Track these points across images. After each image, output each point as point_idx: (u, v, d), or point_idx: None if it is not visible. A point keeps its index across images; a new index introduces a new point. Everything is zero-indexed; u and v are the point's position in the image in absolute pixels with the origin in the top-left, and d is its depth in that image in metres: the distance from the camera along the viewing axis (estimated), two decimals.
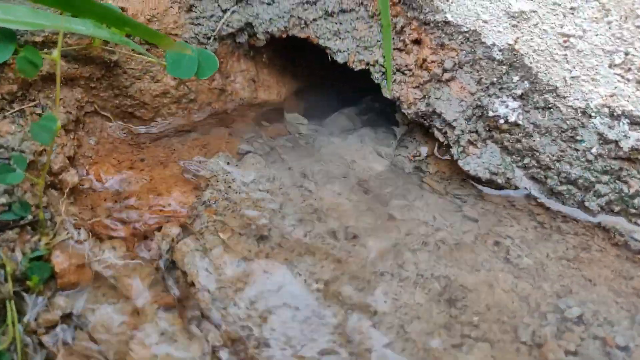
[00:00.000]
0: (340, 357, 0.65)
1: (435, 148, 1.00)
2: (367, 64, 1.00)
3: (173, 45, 0.73)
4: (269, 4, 1.00)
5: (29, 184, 0.72)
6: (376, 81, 1.00)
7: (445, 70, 0.93)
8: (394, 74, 0.98)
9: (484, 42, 0.89)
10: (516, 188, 0.91)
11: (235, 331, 0.68)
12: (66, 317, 0.67)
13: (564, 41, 0.83)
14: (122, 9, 0.84)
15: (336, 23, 1.01)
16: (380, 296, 0.73)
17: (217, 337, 0.67)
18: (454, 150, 0.92)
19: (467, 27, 0.90)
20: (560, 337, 0.70)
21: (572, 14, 0.82)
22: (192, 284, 0.73)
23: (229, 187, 0.87)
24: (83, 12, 0.59)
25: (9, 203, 0.67)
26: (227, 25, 0.98)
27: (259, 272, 0.74)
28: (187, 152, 0.93)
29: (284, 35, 1.03)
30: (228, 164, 0.91)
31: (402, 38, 0.98)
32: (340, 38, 1.02)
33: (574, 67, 0.83)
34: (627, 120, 0.81)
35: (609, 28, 0.79)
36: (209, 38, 0.96)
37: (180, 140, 0.95)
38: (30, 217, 0.69)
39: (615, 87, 0.80)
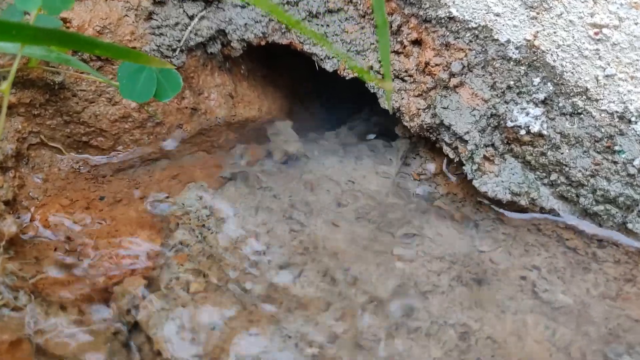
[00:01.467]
0: None
1: (444, 165, 0.86)
2: (361, 70, 0.87)
3: (153, 61, 0.60)
4: (243, 6, 0.86)
5: None
6: (372, 90, 0.87)
7: (452, 75, 0.79)
8: (392, 81, 0.85)
9: (496, 40, 0.76)
10: (542, 210, 0.77)
11: None
12: None
13: (595, 33, 0.69)
14: (65, 20, 0.70)
15: (322, 25, 0.88)
16: (390, 357, 0.60)
17: None
18: (467, 168, 0.78)
19: (476, 23, 0.76)
20: None
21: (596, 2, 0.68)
22: (159, 354, 0.59)
23: (203, 225, 0.74)
24: (46, 42, 0.46)
25: None
26: (196, 34, 0.84)
27: (241, 336, 0.60)
28: (156, 185, 0.80)
29: (263, 42, 0.89)
30: (201, 198, 0.77)
31: (399, 39, 0.84)
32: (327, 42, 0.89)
33: (608, 64, 0.69)
34: None
35: None
36: (174, 50, 0.82)
37: (147, 170, 0.82)
38: None
39: None
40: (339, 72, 0.88)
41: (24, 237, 0.68)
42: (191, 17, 0.83)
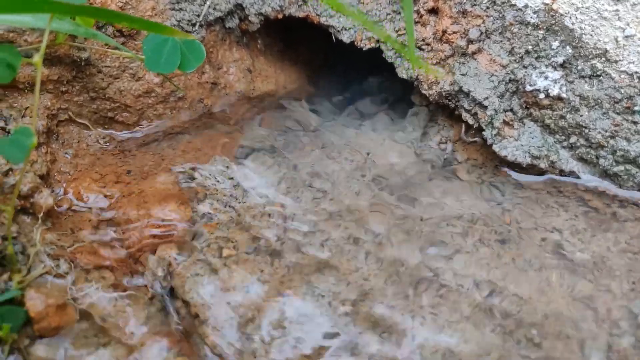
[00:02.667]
0: None
1: (463, 132, 0.87)
2: (378, 41, 0.87)
3: (176, 33, 0.61)
4: None
5: None
6: (389, 60, 0.88)
7: (470, 42, 0.80)
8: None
9: (514, 5, 0.76)
10: (562, 172, 0.78)
11: None
12: None
13: None
14: None
15: None
16: (419, 311, 0.62)
17: None
18: (487, 134, 0.79)
19: None
20: None
21: None
22: (197, 315, 0.62)
23: (230, 195, 0.76)
24: (76, 14, 0.48)
25: None
26: (214, 9, 0.85)
27: (274, 297, 0.62)
28: (180, 158, 0.81)
29: (280, 16, 0.90)
30: (227, 168, 0.79)
31: (416, 8, 0.85)
32: (343, 14, 0.89)
33: (628, 25, 0.70)
34: None
35: None
36: (194, 25, 0.83)
37: (171, 144, 0.83)
38: None
39: None
40: (355, 43, 0.89)
41: (59, 210, 0.70)
42: None
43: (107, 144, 0.80)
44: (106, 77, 0.77)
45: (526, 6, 0.76)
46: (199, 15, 0.83)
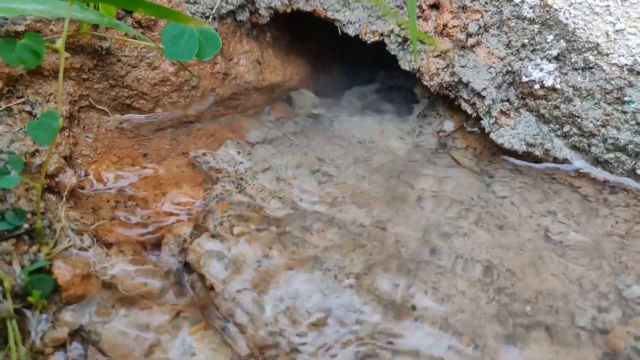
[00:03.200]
0: None
1: (463, 121, 0.91)
2: (382, 34, 0.92)
3: (190, 20, 0.66)
4: None
5: (23, 189, 0.65)
6: (392, 53, 0.92)
7: (469, 35, 0.84)
8: (412, 43, 0.89)
9: (511, 0, 0.80)
10: (555, 159, 0.82)
11: (263, 338, 0.61)
12: (75, 334, 0.60)
13: None
14: None
15: None
16: (419, 288, 0.66)
17: (243, 347, 0.61)
18: (484, 122, 0.84)
19: None
20: (627, 322, 0.62)
21: None
22: (212, 288, 0.66)
23: (242, 178, 0.80)
24: None
25: (2, 211, 0.60)
26: (227, 2, 0.89)
27: (284, 271, 0.66)
28: (193, 143, 0.86)
29: (289, 10, 0.94)
30: (239, 153, 0.83)
31: (418, 3, 0.89)
32: (349, 9, 0.93)
33: (618, 19, 0.74)
34: None
35: None
36: (207, 17, 0.87)
37: (185, 130, 0.88)
38: (26, 225, 0.62)
39: None
40: (360, 36, 0.93)
41: (81, 190, 0.74)
42: None
43: (125, 129, 0.84)
44: (125, 66, 0.81)
45: (522, 1, 0.80)
46: (212, 9, 0.87)
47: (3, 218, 0.60)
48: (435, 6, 0.89)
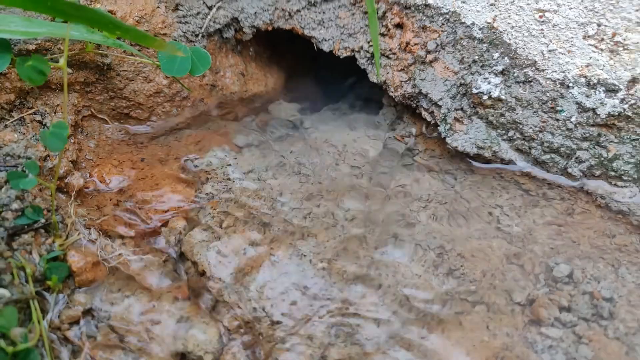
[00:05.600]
0: (350, 329, 0.69)
1: (424, 127, 1.04)
2: (352, 50, 1.03)
3: (165, 46, 0.76)
4: (252, 1, 1.02)
5: (37, 189, 0.75)
6: (362, 67, 1.04)
7: (428, 52, 0.96)
8: (379, 58, 1.01)
9: (463, 22, 0.93)
10: (502, 160, 0.95)
11: (248, 313, 0.71)
12: (87, 312, 0.70)
13: (540, 16, 0.87)
14: (111, 12, 0.85)
15: (319, 12, 1.04)
16: (382, 270, 0.77)
17: (231, 321, 0.71)
18: (441, 129, 0.96)
19: (446, 9, 0.93)
20: (555, 295, 0.75)
21: None
22: (203, 273, 0.76)
23: (228, 179, 0.90)
24: (75, 18, 0.61)
25: (22, 208, 0.70)
26: (214, 22, 1.00)
27: (266, 256, 0.77)
28: (185, 148, 0.96)
29: (270, 28, 1.05)
30: (226, 156, 0.94)
31: (384, 23, 1.01)
32: (324, 27, 1.05)
33: (551, 41, 0.87)
34: (602, 88, 0.85)
35: (582, 1, 0.83)
36: (197, 35, 0.98)
37: (176, 137, 0.98)
38: (42, 220, 0.71)
39: (590, 58, 0.85)
40: (334, 52, 1.05)
41: (86, 190, 0.84)
42: (210, 8, 0.99)
43: (123, 136, 0.94)
44: (123, 80, 0.91)
45: (473, 24, 0.92)
46: (201, 27, 0.98)
47: (23, 214, 0.70)
48: (399, 26, 1.01)
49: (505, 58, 0.91)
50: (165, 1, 0.92)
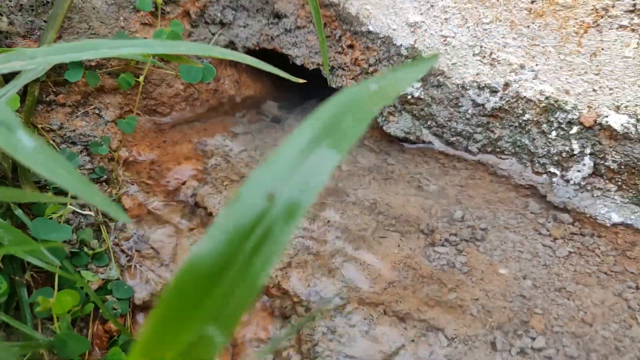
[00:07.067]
0: (308, 254, 1.05)
1: None
2: (318, 64, 1.41)
3: (188, 61, 1.13)
4: (244, 27, 1.40)
5: (99, 157, 1.11)
6: (324, 76, 1.41)
7: (370, 65, 1.34)
8: (337, 69, 1.39)
9: (394, 44, 1.30)
10: (424, 142, 1.32)
11: None
12: (134, 236, 1.06)
13: (444, 41, 1.24)
14: (145, 38, 1.23)
15: (294, 36, 1.42)
16: (332, 212, 1.14)
17: None
18: (379, 120, 1.33)
19: (383, 34, 1.31)
20: (449, 227, 1.11)
21: (446, 22, 1.23)
22: (210, 214, 1.13)
23: (227, 155, 1.27)
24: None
25: (92, 168, 1.06)
26: (216, 44, 1.37)
27: None
28: (196, 134, 1.33)
29: (257, 48, 1.43)
30: (225, 140, 1.31)
31: (340, 44, 1.39)
32: (297, 47, 1.42)
33: (452, 57, 1.24)
34: (487, 90, 1.23)
35: (469, 31, 1.21)
36: None
37: (189, 126, 1.35)
38: (105, 176, 1.07)
39: (478, 69, 1.22)
40: (304, 65, 1.42)
41: (129, 161, 1.21)
42: (213, 34, 1.36)
43: (151, 125, 1.31)
44: (152, 85, 1.28)
45: (401, 45, 1.30)
46: None
47: (94, 172, 1.06)
48: (351, 46, 1.38)
49: None
50: (183, 31, 1.29)
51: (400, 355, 0.83)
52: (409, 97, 1.29)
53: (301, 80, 0.96)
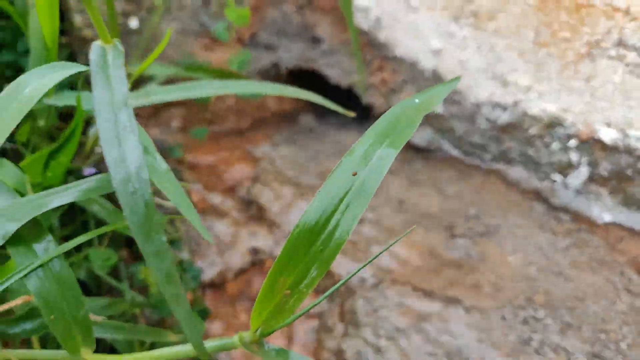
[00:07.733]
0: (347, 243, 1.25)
1: None
2: (349, 84, 1.62)
3: (239, 76, 1.34)
4: (286, 50, 1.62)
5: (173, 160, 1.32)
6: (357, 94, 1.62)
7: (397, 85, 1.55)
8: (368, 89, 1.60)
9: (418, 68, 1.51)
10: (443, 151, 1.52)
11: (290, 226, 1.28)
12: None
13: (462, 65, 1.45)
14: (209, 61, 1.45)
15: (329, 59, 1.63)
16: (366, 210, 1.34)
17: (282, 234, 1.27)
18: None
19: (408, 59, 1.52)
20: (466, 224, 1.31)
21: (464, 49, 1.44)
22: (263, 209, 1.33)
23: (274, 159, 1.48)
24: (191, 71, 1.20)
25: None
26: (262, 66, 1.59)
27: (298, 201, 1.34)
28: (245, 143, 1.54)
29: (296, 69, 1.64)
30: (269, 147, 1.52)
31: (371, 67, 1.60)
32: (332, 68, 1.64)
33: (469, 79, 1.45)
34: (499, 107, 1.43)
35: (484, 57, 1.42)
36: (250, 72, 1.57)
37: (239, 136, 1.56)
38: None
39: (491, 90, 1.43)
40: (339, 84, 1.63)
41: (193, 164, 1.42)
42: (260, 57, 1.58)
43: (208, 134, 1.52)
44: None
45: (424, 69, 1.51)
46: (254, 70, 1.57)
47: None
48: (380, 69, 1.59)
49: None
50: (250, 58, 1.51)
51: (428, 320, 1.02)
52: (431, 113, 1.50)
53: (352, 114, 1.18)
